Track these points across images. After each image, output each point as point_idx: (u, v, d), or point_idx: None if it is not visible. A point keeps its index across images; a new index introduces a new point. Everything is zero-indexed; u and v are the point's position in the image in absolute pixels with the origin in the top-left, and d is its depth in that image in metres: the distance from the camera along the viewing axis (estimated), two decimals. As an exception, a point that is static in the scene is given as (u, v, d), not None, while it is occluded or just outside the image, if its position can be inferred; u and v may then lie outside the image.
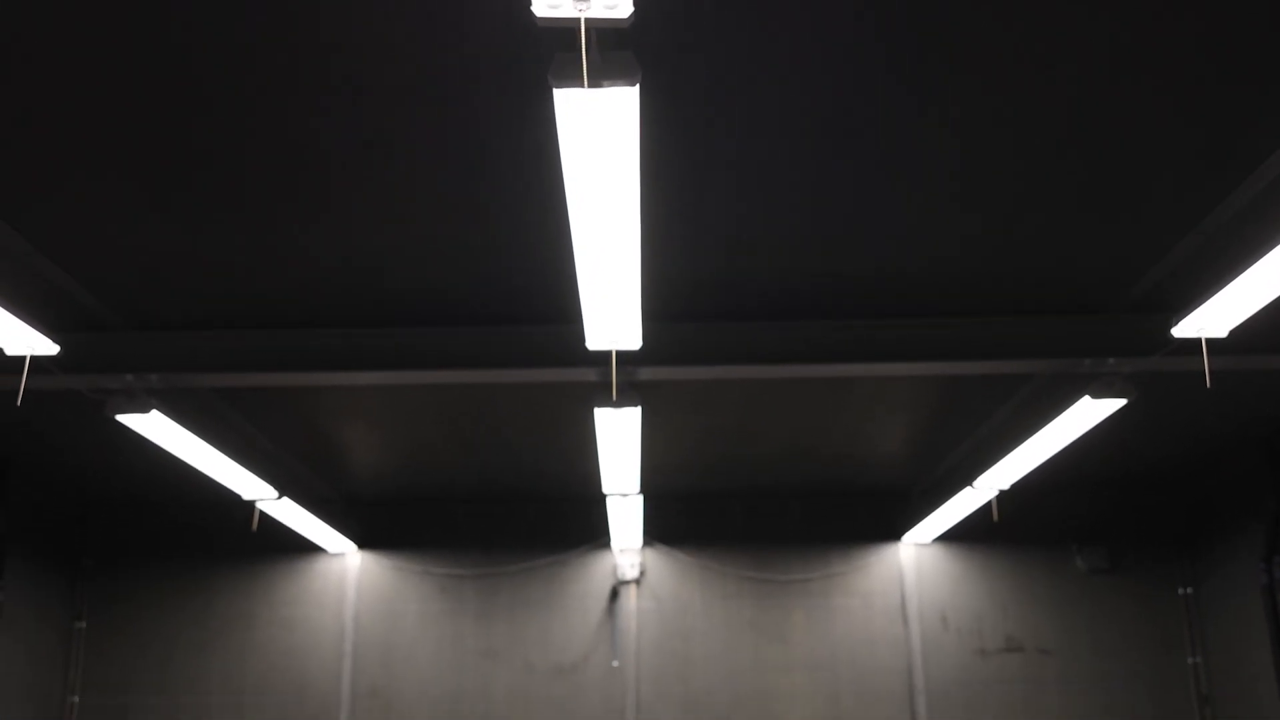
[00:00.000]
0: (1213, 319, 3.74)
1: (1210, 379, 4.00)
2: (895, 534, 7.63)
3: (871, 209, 3.66)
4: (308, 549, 7.55)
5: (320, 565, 7.63)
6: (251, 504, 6.19)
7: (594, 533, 7.59)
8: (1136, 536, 7.59)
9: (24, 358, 4.12)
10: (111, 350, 4.44)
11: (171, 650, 7.50)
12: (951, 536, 7.51)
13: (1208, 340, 3.90)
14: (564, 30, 2.57)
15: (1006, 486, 6.02)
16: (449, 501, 7.71)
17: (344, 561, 7.63)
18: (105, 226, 3.68)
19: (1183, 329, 3.83)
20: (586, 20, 1.97)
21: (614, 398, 4.26)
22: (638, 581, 7.59)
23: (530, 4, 2.37)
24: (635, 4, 2.43)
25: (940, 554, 7.62)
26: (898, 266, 4.08)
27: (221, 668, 7.46)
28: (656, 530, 7.59)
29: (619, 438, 4.85)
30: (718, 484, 7.44)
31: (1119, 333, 4.37)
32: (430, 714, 7.37)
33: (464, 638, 7.51)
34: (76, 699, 7.40)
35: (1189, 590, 7.48)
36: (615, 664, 7.43)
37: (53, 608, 7.32)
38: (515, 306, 4.32)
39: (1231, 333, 3.87)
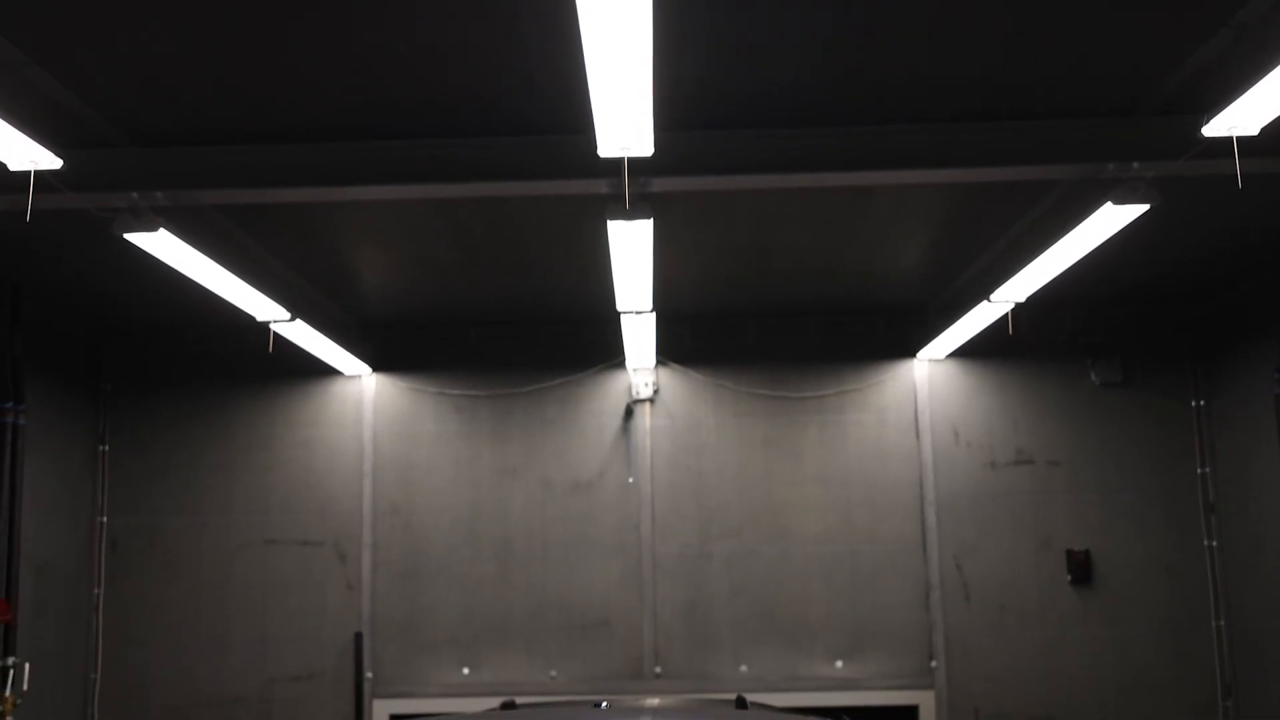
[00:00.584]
0: (1245, 116, 3.62)
1: (1241, 180, 3.91)
2: (910, 351, 7.64)
3: (889, 8, 3.51)
4: (324, 372, 7.61)
5: (337, 387, 7.71)
6: (266, 327, 6.19)
7: (608, 353, 7.62)
8: (1151, 350, 7.59)
9: (28, 173, 4.05)
10: (116, 167, 4.36)
11: (195, 472, 7.65)
12: (966, 352, 7.52)
13: (1238, 139, 3.80)
14: None
15: (1023, 299, 5.97)
16: (462, 324, 7.72)
17: (360, 384, 7.70)
18: (102, 33, 3.56)
19: (1213, 127, 3.72)
20: None
21: (626, 208, 4.19)
22: (652, 400, 7.66)
23: None
24: None
25: (954, 370, 7.64)
26: (917, 69, 3.94)
27: (245, 488, 7.63)
28: (670, 349, 7.61)
29: (632, 251, 4.80)
30: (731, 302, 7.42)
31: (1145, 135, 4.25)
32: (449, 530, 7.55)
33: (480, 457, 7.63)
34: (105, 519, 7.60)
35: (1201, 403, 7.52)
36: (630, 480, 7.57)
37: (75, 431, 7.44)
38: (526, 115, 4.21)
39: (1263, 131, 3.76)
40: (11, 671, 6.32)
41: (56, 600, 7.06)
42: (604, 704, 6.35)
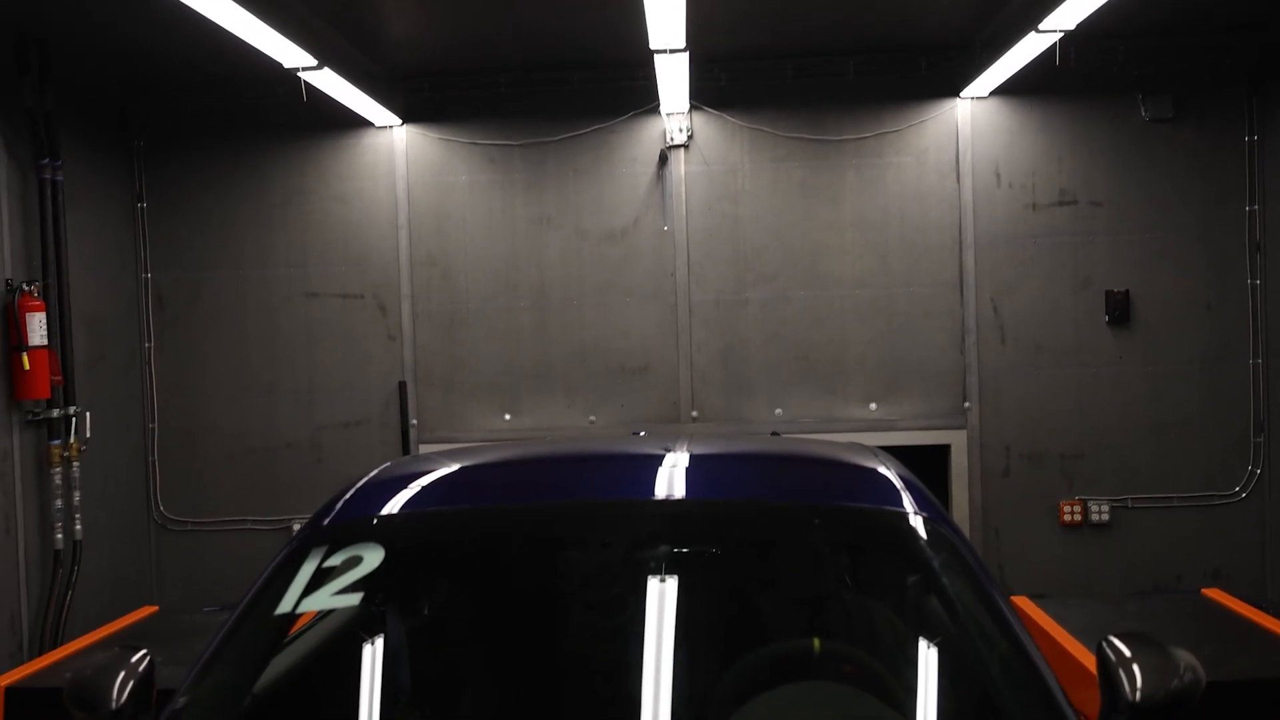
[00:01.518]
0: None
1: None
2: (953, 89, 7.39)
3: None
4: (355, 124, 7.52)
5: (369, 140, 7.63)
6: (297, 78, 6.07)
7: (641, 99, 7.43)
8: (1203, 83, 7.29)
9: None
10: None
11: (234, 227, 7.69)
12: (1010, 90, 7.26)
13: None
14: None
15: (1073, 26, 5.70)
16: (492, 72, 7.53)
17: (391, 136, 7.61)
18: None
19: None
20: None
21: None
22: (686, 146, 7.52)
23: None
24: None
25: (998, 108, 7.41)
26: None
27: (285, 242, 7.68)
28: (705, 94, 7.41)
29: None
30: (768, 42, 7.15)
31: None
32: (486, 279, 7.61)
33: (514, 206, 7.60)
34: (149, 275, 7.72)
35: (1254, 138, 7.28)
36: (665, 228, 7.53)
37: (112, 189, 7.46)
38: None
39: None
40: (74, 420, 6.59)
41: (110, 354, 7.27)
42: (641, 433, 6.56)
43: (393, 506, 2.75)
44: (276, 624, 2.53)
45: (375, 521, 2.69)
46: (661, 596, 2.46)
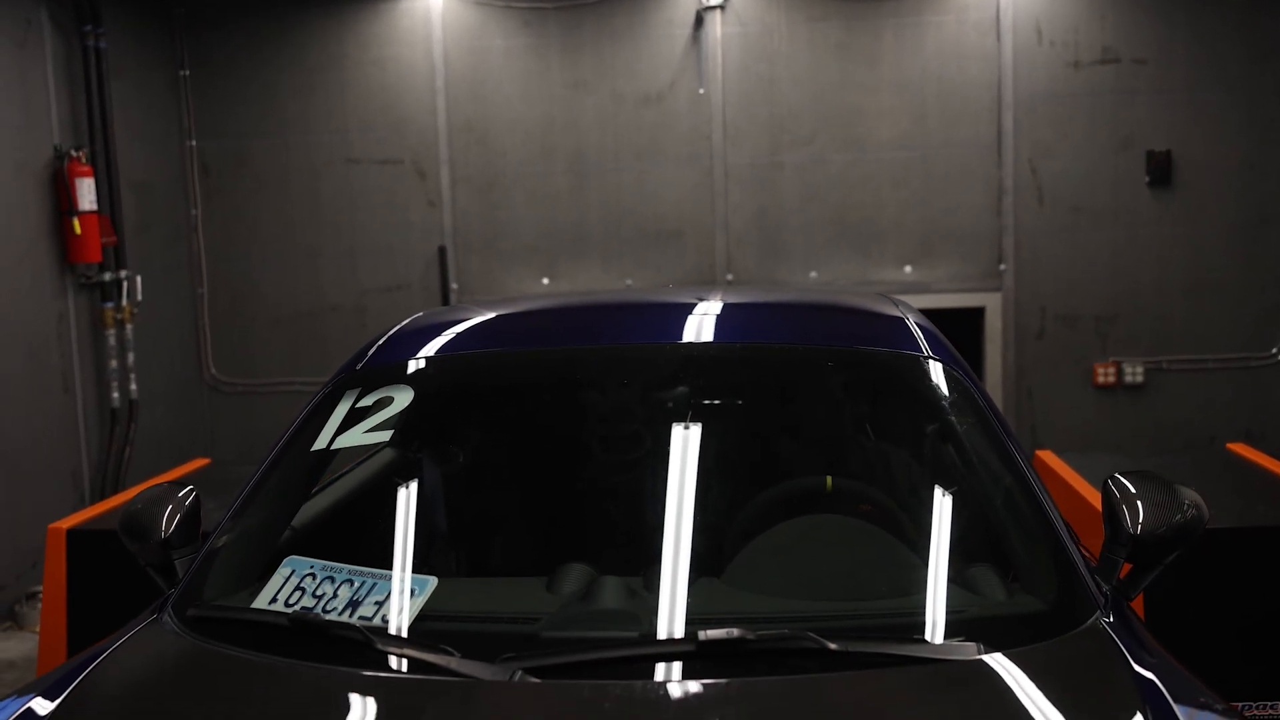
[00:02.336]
0: None
1: None
2: (994, -57, 7.21)
3: None
4: (389, -12, 7.49)
5: (406, 4, 7.61)
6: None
7: (676, -42, 7.33)
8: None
9: None
10: None
11: (275, 94, 7.76)
12: (1054, -57, 7.07)
13: None
14: None
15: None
16: (525, -68, 7.45)
17: (427, 1, 7.58)
18: None
19: None
20: None
21: None
22: (722, 7, 7.43)
23: None
24: None
25: (1040, -37, 7.23)
26: None
27: (325, 108, 7.75)
28: (741, -48, 7.29)
29: None
30: (805, -104, 7.00)
31: None
32: (523, 144, 7.66)
33: (550, 70, 7.59)
34: (194, 143, 7.84)
35: (1307, -9, 7.07)
36: (701, 91, 7.50)
37: (153, 57, 7.54)
38: None
39: None
40: (126, 283, 6.81)
41: (158, 221, 7.45)
42: (670, 286, 6.67)
43: (424, 351, 2.87)
44: (312, 460, 2.69)
45: (407, 365, 2.83)
46: (679, 437, 2.56)
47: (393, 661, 1.96)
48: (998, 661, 1.91)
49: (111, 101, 6.68)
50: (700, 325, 2.89)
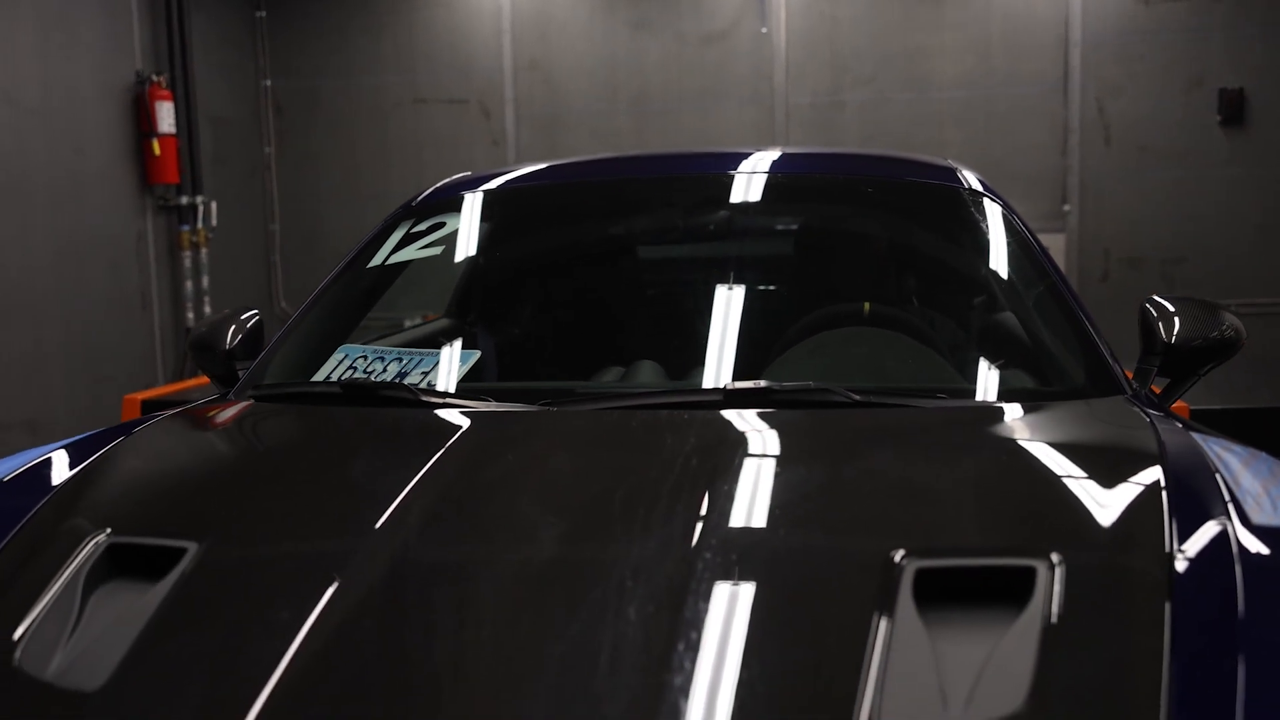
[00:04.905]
0: None
1: None
2: (1062, -121, 7.15)
3: None
4: (458, -69, 7.64)
5: (472, -53, 7.76)
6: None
7: (741, -102, 7.38)
8: None
9: None
10: None
11: (346, 35, 7.95)
12: (1124, -123, 7.00)
13: None
14: None
15: None
16: (593, -125, 7.55)
17: (495, -57, 7.72)
18: None
19: None
20: None
21: None
22: (786, -54, 7.47)
23: None
24: None
25: (1109, -103, 7.16)
26: None
27: (393, 49, 7.92)
28: (806, -108, 7.31)
29: None
30: None
31: None
32: (587, 83, 7.76)
33: (615, 10, 7.68)
34: (268, 82, 8.06)
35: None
36: (763, 30, 7.54)
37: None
38: None
39: None
40: (202, 208, 7.03)
41: (233, 155, 7.68)
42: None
43: (477, 185, 2.98)
44: (368, 277, 2.80)
45: (461, 197, 2.93)
46: (722, 257, 2.66)
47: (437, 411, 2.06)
48: (1020, 410, 1.96)
49: (191, 34, 6.90)
50: (752, 161, 2.94)
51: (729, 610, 1.23)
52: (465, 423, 1.91)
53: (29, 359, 5.70)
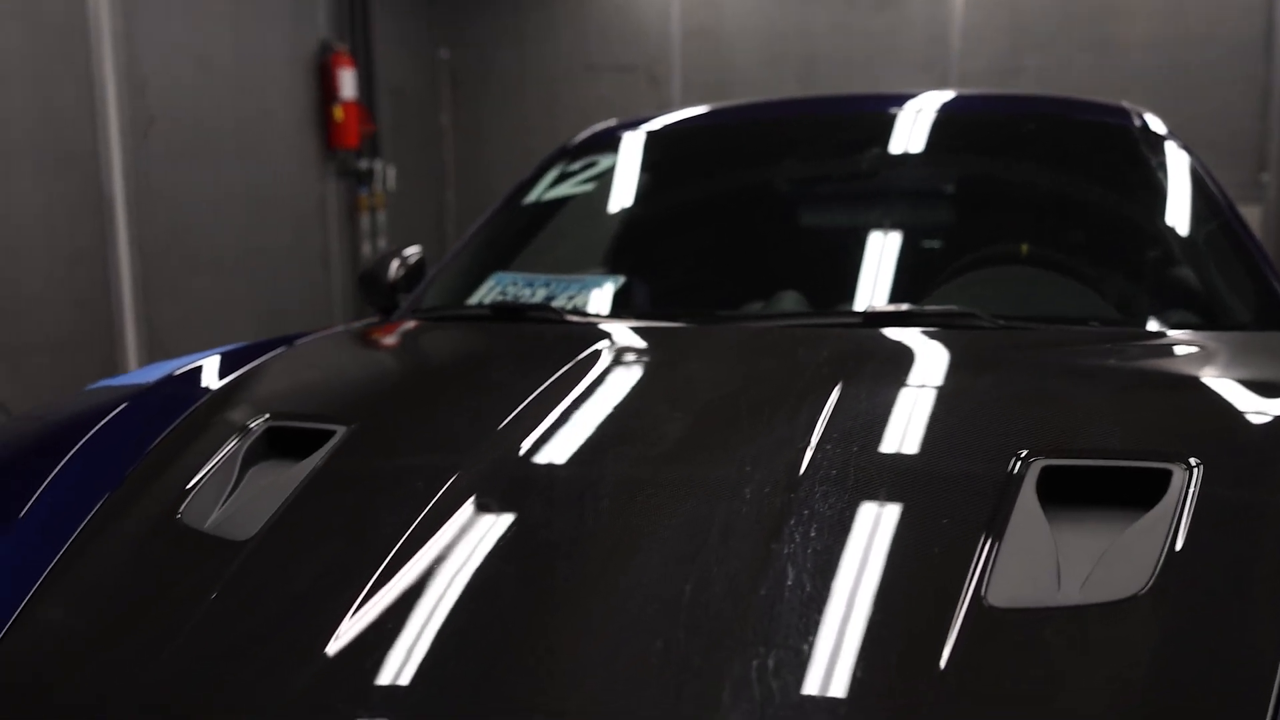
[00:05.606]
0: None
1: None
2: None
3: None
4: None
5: (644, -85, 7.79)
6: None
7: None
8: None
9: None
10: None
11: (519, 6, 8.11)
12: None
13: None
14: None
15: None
16: None
17: (666, -89, 7.74)
18: None
19: None
20: None
21: None
22: (965, -95, 7.24)
23: None
24: None
25: None
26: None
27: (564, 18, 8.04)
28: None
29: None
30: None
31: None
32: (754, 50, 7.70)
33: (786, -26, 7.60)
34: (444, 54, 8.29)
35: None
36: (939, -8, 7.33)
37: (412, -28, 8.02)
38: None
39: None
40: (379, 173, 7.30)
41: (410, 124, 7.94)
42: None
43: (633, 127, 3.01)
44: (524, 213, 2.86)
45: (618, 137, 2.96)
46: (879, 193, 2.62)
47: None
48: (1177, 336, 1.88)
49: (372, 5, 7.16)
50: (912, 100, 2.87)
51: (844, 492, 1.24)
52: (602, 337, 1.96)
53: (217, 312, 6.04)
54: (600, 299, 2.30)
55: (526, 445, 1.44)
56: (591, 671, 1.02)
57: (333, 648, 1.09)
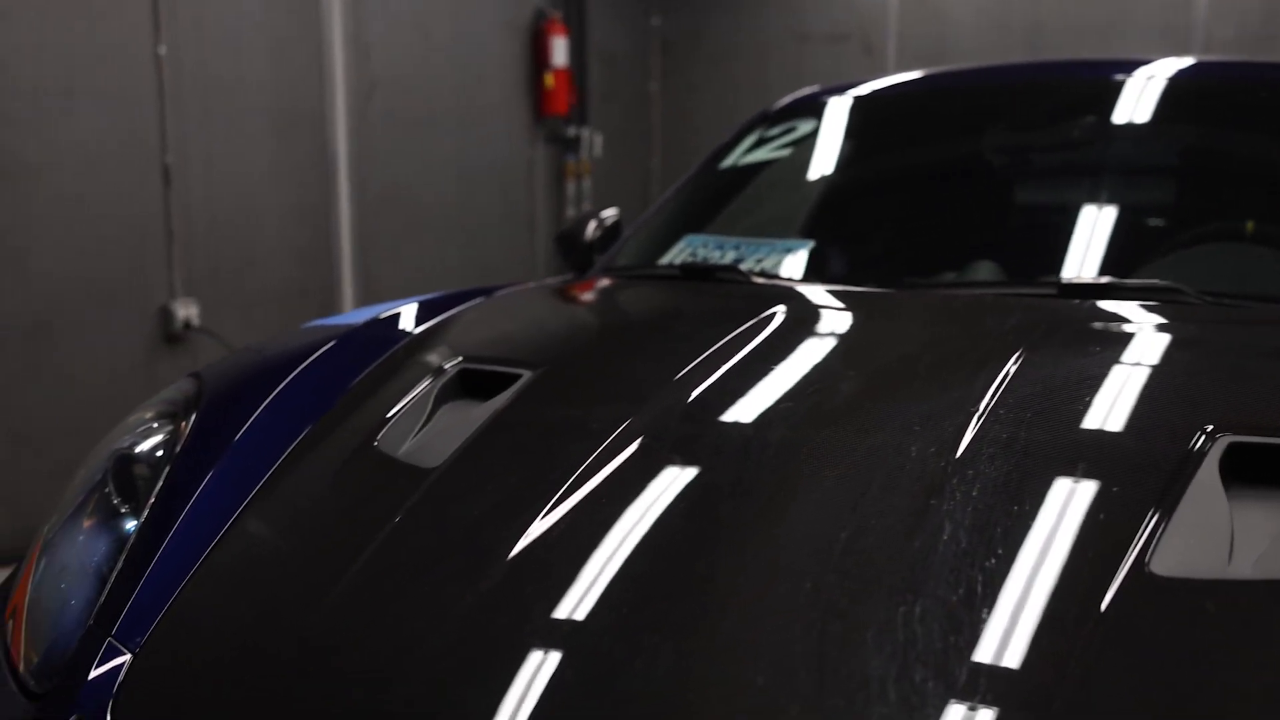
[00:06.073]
0: None
1: None
2: None
3: None
4: None
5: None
6: None
7: None
8: None
9: None
10: None
11: (732, -26, 8.06)
12: None
13: None
14: None
15: None
16: None
17: (888, -128, 7.52)
18: None
19: None
20: None
21: None
22: None
23: None
24: None
25: None
26: None
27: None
28: None
29: None
30: None
31: None
32: (975, 16, 7.40)
33: (1012, -63, 7.27)
34: (656, 20, 8.33)
35: None
36: (1181, -46, 6.85)
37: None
38: None
39: None
40: (586, 139, 7.42)
41: (619, 90, 8.02)
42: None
43: (836, 93, 2.94)
44: (722, 177, 2.84)
45: (822, 102, 2.90)
46: (1093, 168, 2.48)
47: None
48: None
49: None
50: (1137, 67, 2.70)
51: (1011, 457, 1.23)
52: (786, 298, 1.95)
53: (433, 271, 6.29)
54: (788, 263, 2.27)
55: (699, 396, 1.49)
56: (741, 606, 1.07)
57: (501, 571, 1.18)
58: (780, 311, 1.82)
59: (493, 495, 1.34)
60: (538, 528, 1.23)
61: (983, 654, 0.96)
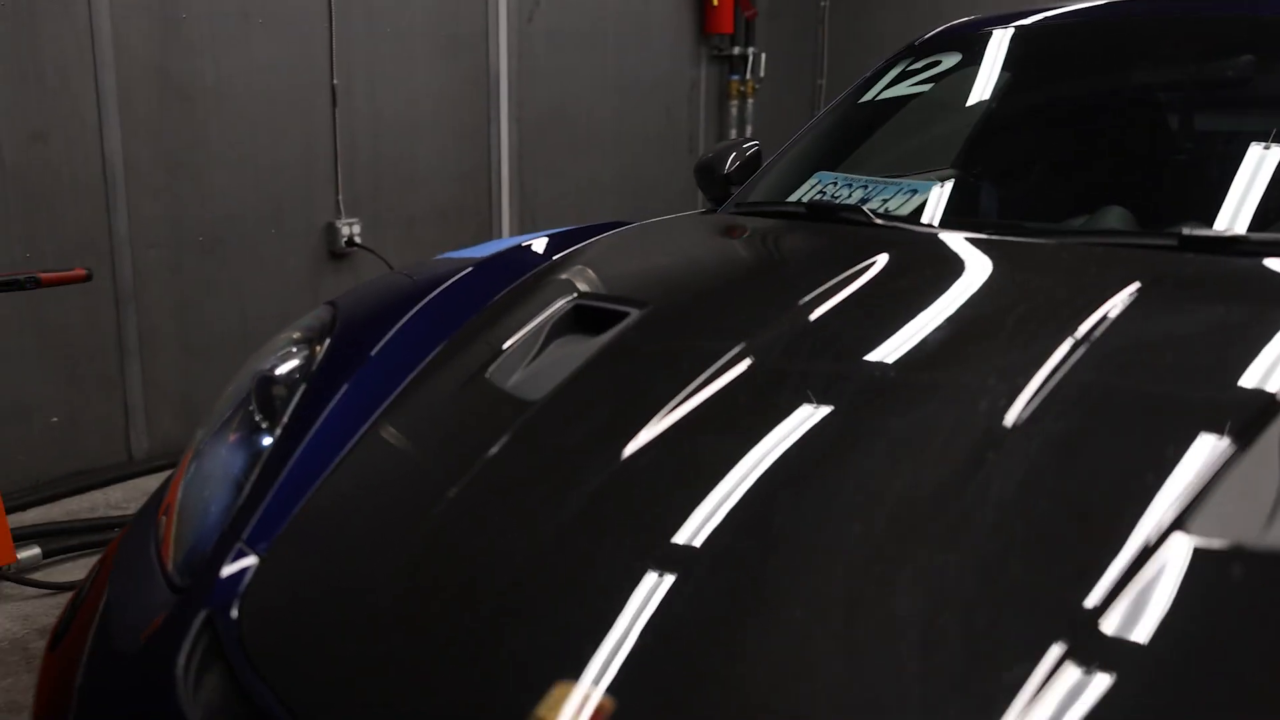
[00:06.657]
0: None
1: None
2: None
3: None
4: None
5: None
6: None
7: None
8: None
9: None
10: None
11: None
12: None
13: None
14: None
15: None
16: None
17: None
18: None
19: None
20: None
21: None
22: None
23: None
24: None
25: None
26: None
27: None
28: None
29: None
30: None
31: None
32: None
33: None
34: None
35: None
36: None
37: None
38: None
39: None
40: (752, 59, 7.34)
41: (788, 10, 7.87)
42: None
43: (988, 25, 2.86)
44: (860, 111, 2.81)
45: (964, 35, 2.84)
46: (1258, 104, 2.37)
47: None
48: None
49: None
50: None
51: (1078, 412, 1.25)
52: (900, 242, 1.97)
53: (590, 189, 6.39)
54: (913, 204, 2.26)
55: (795, 335, 1.55)
56: (789, 541, 1.13)
57: (584, 498, 1.27)
58: (889, 256, 1.84)
59: (582, 429, 1.44)
60: (626, 455, 1.31)
61: (1010, 606, 0.99)
